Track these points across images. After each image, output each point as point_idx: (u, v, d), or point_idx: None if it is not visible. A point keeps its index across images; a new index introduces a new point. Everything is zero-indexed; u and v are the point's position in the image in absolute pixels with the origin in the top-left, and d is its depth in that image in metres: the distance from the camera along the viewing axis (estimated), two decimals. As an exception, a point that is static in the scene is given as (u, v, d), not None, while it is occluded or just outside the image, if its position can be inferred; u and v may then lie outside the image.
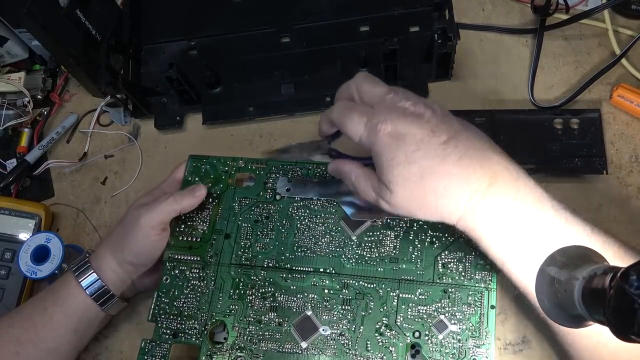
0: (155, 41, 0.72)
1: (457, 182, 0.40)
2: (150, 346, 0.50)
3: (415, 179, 0.40)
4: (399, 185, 0.41)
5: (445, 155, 0.40)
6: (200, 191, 0.53)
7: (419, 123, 0.40)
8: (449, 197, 0.40)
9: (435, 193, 0.40)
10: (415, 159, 0.40)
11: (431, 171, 0.40)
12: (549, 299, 0.37)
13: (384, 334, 0.48)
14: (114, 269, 0.53)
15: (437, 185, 0.40)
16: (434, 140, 0.40)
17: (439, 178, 0.40)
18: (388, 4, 0.67)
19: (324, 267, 0.51)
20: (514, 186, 0.41)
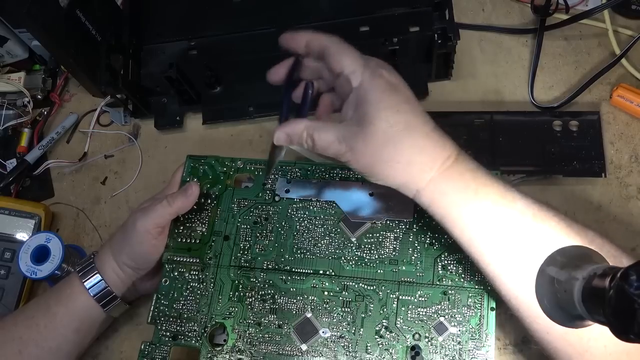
0: (155, 41, 0.72)
1: (433, 145, 0.41)
2: (150, 349, 0.50)
3: (400, 128, 0.40)
4: (380, 129, 0.40)
5: (425, 120, 0.42)
6: (191, 189, 0.52)
7: (407, 86, 0.42)
8: (426, 157, 0.41)
9: (413, 148, 0.41)
10: (405, 110, 0.41)
11: (414, 127, 0.41)
12: (549, 299, 0.37)
13: (384, 336, 0.48)
14: (116, 271, 0.53)
15: (417, 141, 0.41)
16: (417, 104, 0.42)
17: (420, 135, 0.41)
18: (388, 4, 0.67)
19: (323, 269, 0.50)
20: (472, 160, 0.43)
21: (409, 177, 0.41)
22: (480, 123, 0.60)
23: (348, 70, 0.42)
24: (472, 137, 0.59)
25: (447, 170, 0.41)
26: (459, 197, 0.41)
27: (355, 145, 0.41)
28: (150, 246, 0.52)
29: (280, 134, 0.44)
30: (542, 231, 0.40)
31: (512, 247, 0.40)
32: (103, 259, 0.53)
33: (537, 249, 0.39)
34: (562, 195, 0.57)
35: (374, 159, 0.41)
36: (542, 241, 0.40)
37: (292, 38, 0.45)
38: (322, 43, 0.43)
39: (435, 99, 0.64)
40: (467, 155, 0.43)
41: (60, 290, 0.53)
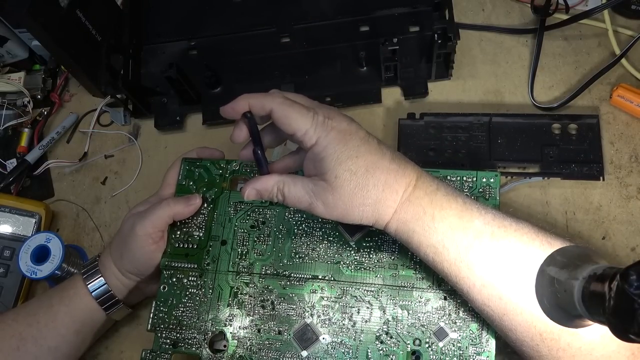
0: (155, 41, 0.72)
1: (395, 176, 0.42)
2: (150, 356, 0.49)
3: (362, 172, 0.41)
4: (345, 179, 0.41)
5: (382, 153, 0.42)
6: (195, 200, 0.52)
7: (356, 125, 0.43)
8: (389, 190, 0.42)
9: (377, 187, 0.42)
10: (362, 153, 0.42)
11: (374, 165, 0.42)
12: (549, 299, 0.37)
13: (385, 342, 0.47)
14: (118, 277, 0.53)
15: (379, 179, 0.42)
16: (370, 140, 0.43)
17: (382, 172, 0.42)
18: (388, 4, 0.67)
19: (322, 274, 0.50)
20: (434, 180, 0.43)
21: (378, 215, 0.43)
22: (479, 125, 0.60)
23: (299, 133, 0.42)
24: (471, 138, 0.59)
25: (407, 199, 0.42)
26: (418, 224, 0.42)
27: (325, 200, 0.42)
28: (151, 251, 0.51)
29: (251, 191, 0.45)
30: (501, 248, 0.40)
31: (472, 267, 0.41)
32: (105, 264, 0.53)
33: (498, 267, 0.40)
34: (562, 195, 0.57)
35: (345, 208, 0.42)
36: (502, 258, 0.40)
37: (232, 109, 0.45)
38: (265, 107, 0.43)
39: (435, 99, 0.64)
40: (426, 177, 0.43)
41: (63, 290, 0.53)
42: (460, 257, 0.41)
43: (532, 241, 0.40)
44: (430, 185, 0.42)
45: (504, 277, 0.40)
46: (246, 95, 0.44)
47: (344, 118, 0.43)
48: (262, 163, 0.45)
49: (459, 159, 0.59)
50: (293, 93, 0.45)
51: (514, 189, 0.58)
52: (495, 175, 0.50)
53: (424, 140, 0.60)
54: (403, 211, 0.42)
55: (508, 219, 0.41)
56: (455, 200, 0.42)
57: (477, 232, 0.41)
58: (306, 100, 0.45)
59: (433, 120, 0.61)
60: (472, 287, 0.41)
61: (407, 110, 0.63)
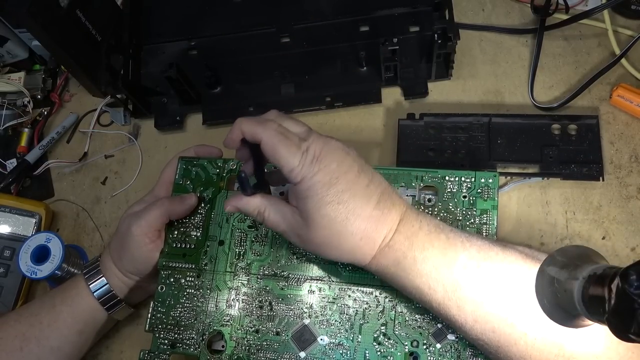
0: (155, 41, 0.72)
1: (375, 224, 0.41)
2: (148, 357, 0.49)
3: (340, 220, 0.40)
4: (321, 225, 0.41)
5: (368, 196, 0.41)
6: (190, 199, 0.52)
7: (349, 162, 0.41)
8: (367, 240, 0.41)
9: (355, 236, 0.41)
10: (344, 199, 0.40)
11: (355, 213, 0.40)
12: (549, 299, 0.37)
13: (382, 343, 0.47)
14: (119, 277, 0.53)
15: (358, 228, 0.41)
16: (360, 181, 0.41)
17: (362, 221, 0.41)
18: (388, 4, 0.67)
19: (320, 275, 0.50)
20: (417, 217, 0.43)
21: (354, 259, 0.43)
22: (479, 125, 0.60)
23: (286, 169, 0.41)
24: (470, 139, 0.59)
25: (386, 245, 0.41)
26: (399, 268, 0.42)
27: (301, 235, 0.42)
28: (149, 250, 0.51)
29: (231, 207, 0.45)
30: (489, 281, 0.40)
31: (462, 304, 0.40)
32: (106, 264, 0.53)
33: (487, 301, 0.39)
34: (562, 195, 0.57)
35: (319, 247, 0.42)
36: (491, 292, 0.40)
37: (231, 141, 0.43)
38: (255, 136, 0.42)
39: (435, 99, 0.64)
40: (409, 216, 0.42)
41: (65, 290, 0.53)
42: (448, 296, 0.40)
43: (520, 267, 0.40)
44: (412, 226, 0.42)
45: (494, 310, 0.39)
46: (240, 120, 0.42)
47: (335, 157, 0.41)
48: (245, 187, 0.44)
49: (458, 160, 0.59)
50: (291, 119, 0.43)
51: (514, 189, 0.58)
52: (493, 176, 0.50)
53: (423, 140, 0.60)
54: (382, 257, 0.42)
55: (494, 248, 0.41)
56: (437, 238, 0.41)
57: (463, 269, 0.40)
58: (302, 129, 0.43)
59: (433, 121, 0.61)
60: (464, 324, 0.41)
61: (407, 110, 0.63)
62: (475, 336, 0.41)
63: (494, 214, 0.49)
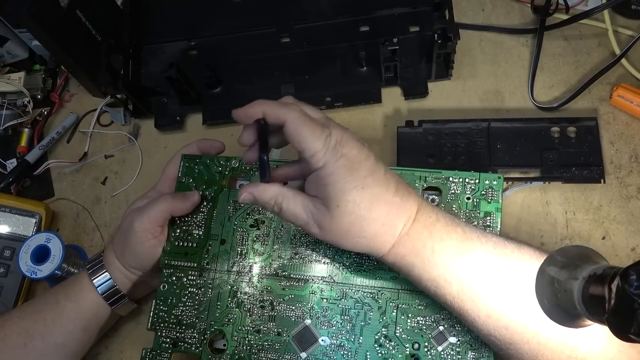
0: (155, 41, 0.72)
1: (397, 210, 0.41)
2: (150, 355, 0.50)
3: (364, 206, 0.40)
4: (347, 210, 0.40)
5: (387, 183, 0.41)
6: (193, 197, 0.52)
7: (367, 151, 0.41)
8: (388, 226, 0.41)
9: (377, 222, 0.41)
10: (367, 184, 0.40)
11: (378, 198, 0.40)
12: (549, 299, 0.37)
13: (384, 345, 0.47)
14: (122, 271, 0.53)
15: (381, 214, 0.40)
16: (378, 169, 0.41)
17: (384, 206, 0.41)
18: (388, 4, 0.67)
19: (322, 275, 0.50)
20: (434, 210, 0.42)
21: (373, 248, 0.42)
22: (478, 130, 0.59)
23: (309, 152, 0.40)
24: (470, 144, 0.59)
25: (406, 234, 0.41)
26: (417, 259, 0.41)
27: (323, 224, 0.41)
28: (151, 246, 0.51)
29: (248, 195, 0.43)
30: (505, 277, 0.40)
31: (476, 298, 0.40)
32: (109, 259, 0.53)
33: (502, 296, 0.39)
34: (562, 195, 0.57)
35: (340, 236, 0.41)
36: (506, 287, 0.39)
37: (245, 115, 0.43)
38: (279, 117, 0.41)
39: (435, 99, 0.64)
40: (426, 207, 0.42)
41: (69, 286, 0.53)
42: (464, 289, 0.40)
43: (535, 266, 0.39)
44: (430, 216, 0.42)
45: (509, 306, 0.39)
46: (262, 101, 0.42)
47: (355, 144, 0.41)
48: (266, 171, 0.43)
49: (459, 165, 0.58)
50: (309, 106, 0.43)
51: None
52: (498, 177, 0.49)
53: (423, 147, 0.60)
54: (401, 246, 0.41)
55: (509, 245, 0.41)
56: (455, 231, 0.41)
57: (480, 263, 0.40)
58: (321, 115, 0.43)
59: (432, 127, 0.60)
60: (477, 319, 0.40)
61: (406, 110, 0.63)
62: (487, 332, 0.41)
63: (497, 216, 0.48)
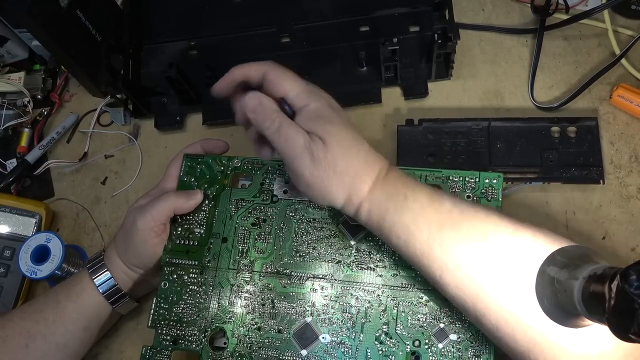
0: (155, 41, 0.72)
1: (373, 158, 0.44)
2: (150, 353, 0.50)
3: (349, 140, 0.43)
4: (337, 142, 0.42)
5: (362, 138, 0.44)
6: (196, 195, 0.53)
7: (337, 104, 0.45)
8: (368, 168, 0.43)
9: (358, 162, 0.43)
10: (350, 128, 0.44)
11: (359, 141, 0.44)
12: (549, 299, 0.37)
13: (384, 342, 0.47)
14: (124, 270, 0.53)
15: (361, 152, 0.43)
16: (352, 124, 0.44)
17: (363, 149, 0.44)
18: (388, 4, 0.67)
19: (322, 273, 0.50)
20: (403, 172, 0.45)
21: (352, 190, 0.43)
22: (478, 130, 0.60)
23: (292, 93, 0.43)
24: (470, 143, 0.59)
25: (382, 180, 0.43)
26: (391, 204, 0.43)
27: (317, 154, 0.42)
28: (154, 244, 0.51)
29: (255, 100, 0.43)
30: (472, 228, 0.41)
31: (445, 245, 0.41)
32: (110, 258, 0.53)
33: (470, 246, 0.40)
34: (562, 195, 0.57)
35: (330, 170, 0.42)
36: (473, 237, 0.40)
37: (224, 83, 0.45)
38: (259, 70, 0.44)
39: (435, 99, 0.64)
40: (397, 167, 0.45)
41: (70, 285, 0.53)
42: (433, 235, 0.41)
43: (500, 221, 0.41)
44: (401, 172, 0.45)
45: (476, 256, 0.40)
46: (234, 67, 0.45)
47: (328, 96, 0.45)
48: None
49: (458, 165, 0.58)
50: None
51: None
52: (497, 176, 0.50)
53: (423, 146, 0.60)
54: (377, 190, 0.43)
55: (475, 204, 0.43)
56: (425, 186, 0.44)
57: (448, 212, 0.42)
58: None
59: (432, 126, 0.60)
60: (445, 269, 0.41)
61: (407, 110, 0.63)
62: (454, 285, 0.41)
63: None
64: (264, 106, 0.43)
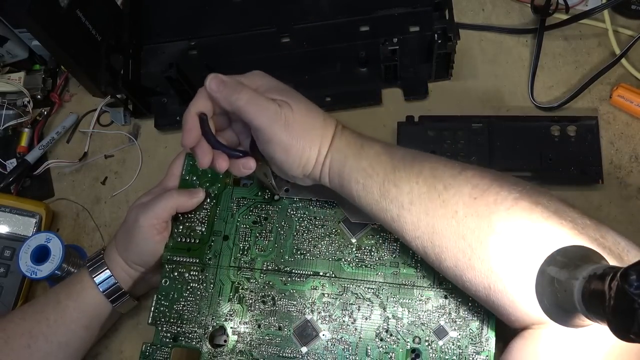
0: (155, 41, 0.72)
1: (330, 120, 0.46)
2: (151, 350, 0.50)
3: (307, 101, 0.46)
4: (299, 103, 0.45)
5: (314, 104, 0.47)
6: (198, 194, 0.53)
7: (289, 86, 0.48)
8: (328, 125, 0.46)
9: (319, 117, 0.46)
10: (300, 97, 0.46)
11: (314, 108, 0.46)
12: (549, 299, 0.37)
13: (384, 340, 0.48)
14: (124, 269, 0.53)
15: (318, 119, 0.46)
16: None
17: (319, 114, 0.46)
18: (388, 4, 0.67)
19: (323, 271, 0.50)
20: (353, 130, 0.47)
21: (320, 143, 0.45)
22: (478, 127, 0.60)
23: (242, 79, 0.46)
24: (470, 141, 0.59)
25: (339, 133, 0.46)
26: (350, 151, 0.45)
27: (288, 117, 0.44)
28: (155, 242, 0.52)
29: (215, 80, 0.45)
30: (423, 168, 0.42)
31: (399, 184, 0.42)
32: (111, 256, 0.53)
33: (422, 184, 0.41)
34: (562, 195, 0.57)
35: (300, 130, 0.44)
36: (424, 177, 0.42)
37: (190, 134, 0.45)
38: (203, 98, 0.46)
39: (435, 99, 0.64)
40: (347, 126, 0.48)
41: (70, 284, 0.53)
42: (388, 177, 0.43)
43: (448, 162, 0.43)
44: (352, 130, 0.47)
45: (428, 192, 0.41)
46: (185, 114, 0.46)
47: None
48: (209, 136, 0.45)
49: (458, 163, 0.59)
50: None
51: (514, 189, 0.58)
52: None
53: (423, 144, 0.60)
54: (337, 140, 0.46)
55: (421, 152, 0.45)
56: (378, 140, 0.46)
57: (401, 157, 0.44)
58: None
59: (432, 124, 0.60)
60: (401, 208, 0.42)
61: (407, 110, 0.63)
62: (411, 223, 0.42)
63: None
64: (228, 82, 0.45)
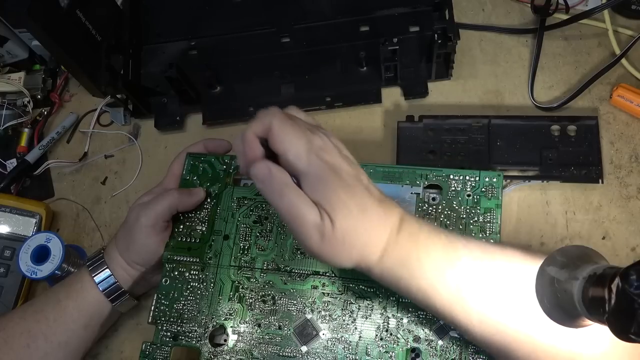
0: (155, 41, 0.72)
1: (383, 219, 0.40)
2: (151, 349, 0.50)
3: (355, 213, 0.39)
4: (342, 215, 0.38)
5: (370, 192, 0.40)
6: (198, 192, 0.53)
7: (349, 161, 0.41)
8: (376, 235, 0.40)
9: (367, 230, 0.39)
10: (355, 192, 0.39)
11: (366, 207, 0.39)
12: (549, 299, 0.37)
13: (384, 339, 0.47)
14: (124, 268, 0.53)
15: (369, 222, 0.39)
16: (359, 181, 0.40)
17: (371, 214, 0.40)
18: (388, 4, 0.67)
19: (323, 270, 0.50)
20: (416, 219, 0.42)
21: (363, 258, 0.40)
22: (478, 127, 0.60)
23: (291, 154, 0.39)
24: (470, 141, 0.59)
25: (393, 243, 0.40)
26: (404, 270, 0.40)
27: (326, 232, 0.39)
28: (156, 241, 0.52)
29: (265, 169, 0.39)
30: (492, 279, 0.39)
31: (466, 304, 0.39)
32: (111, 255, 0.53)
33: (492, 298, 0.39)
34: (562, 195, 0.57)
35: (336, 246, 0.39)
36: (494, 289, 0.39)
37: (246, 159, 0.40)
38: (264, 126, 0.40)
39: (435, 99, 0.64)
40: (409, 217, 0.41)
41: (70, 284, 0.53)
42: (453, 296, 0.40)
43: (521, 263, 0.39)
44: (412, 225, 0.41)
45: (500, 311, 0.39)
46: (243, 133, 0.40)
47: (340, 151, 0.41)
48: None
49: (458, 162, 0.59)
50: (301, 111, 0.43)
51: (514, 189, 0.58)
52: (497, 175, 0.50)
53: (423, 143, 0.60)
54: (387, 256, 0.40)
55: (492, 247, 0.41)
56: (439, 238, 0.41)
57: (467, 270, 0.40)
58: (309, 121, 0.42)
59: (432, 123, 0.60)
60: (469, 325, 0.40)
61: (407, 110, 0.63)
62: (481, 338, 0.40)
63: (497, 212, 0.49)
64: (273, 178, 0.39)
